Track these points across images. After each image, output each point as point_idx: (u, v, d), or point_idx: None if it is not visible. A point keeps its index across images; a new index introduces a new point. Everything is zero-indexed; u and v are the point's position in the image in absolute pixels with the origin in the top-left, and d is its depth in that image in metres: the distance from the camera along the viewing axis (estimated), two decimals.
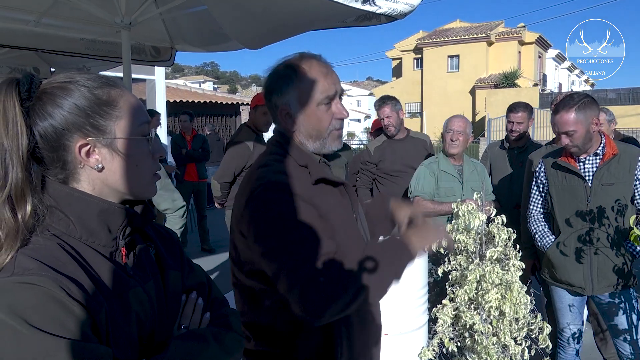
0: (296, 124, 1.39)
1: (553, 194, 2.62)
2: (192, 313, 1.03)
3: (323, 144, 1.41)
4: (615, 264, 2.48)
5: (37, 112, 0.87)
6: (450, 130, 3.23)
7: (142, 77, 9.89)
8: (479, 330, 2.24)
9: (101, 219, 0.90)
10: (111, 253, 0.91)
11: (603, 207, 2.46)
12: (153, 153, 0.98)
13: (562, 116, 2.45)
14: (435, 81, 31.95)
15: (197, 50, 4.19)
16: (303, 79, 1.36)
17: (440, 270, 2.54)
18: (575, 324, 2.67)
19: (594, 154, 2.51)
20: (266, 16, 2.92)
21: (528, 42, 32.92)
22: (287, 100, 1.38)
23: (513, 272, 2.28)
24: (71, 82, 0.90)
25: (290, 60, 1.40)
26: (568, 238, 2.56)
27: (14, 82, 0.87)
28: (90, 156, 0.90)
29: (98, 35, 3.80)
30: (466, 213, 2.35)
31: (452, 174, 3.25)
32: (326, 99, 1.37)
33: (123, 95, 0.94)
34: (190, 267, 1.12)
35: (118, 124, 0.91)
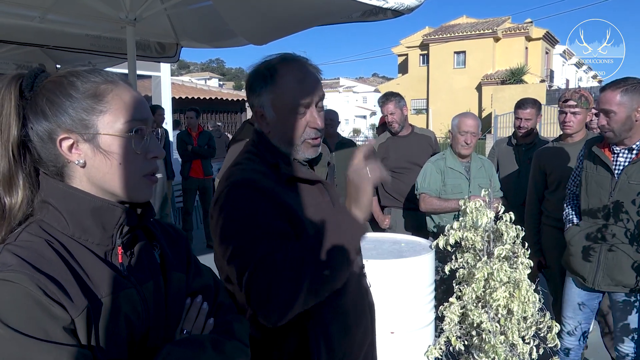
0: (270, 127, 1.36)
1: (583, 181, 2.54)
2: (195, 317, 1.00)
3: (296, 152, 1.38)
4: (635, 261, 2.39)
5: (31, 106, 0.88)
6: (465, 133, 3.18)
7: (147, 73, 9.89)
8: (486, 328, 2.22)
9: (94, 217, 0.88)
10: (106, 252, 0.89)
11: (623, 202, 2.36)
12: (145, 152, 0.92)
13: (607, 94, 2.33)
14: (442, 77, 31.81)
15: (202, 47, 4.18)
16: (278, 83, 1.32)
17: (448, 268, 2.52)
18: (576, 319, 2.64)
19: (629, 149, 2.38)
20: (272, 11, 2.90)
21: (535, 38, 32.68)
22: (262, 102, 1.35)
23: (521, 270, 2.25)
24: (64, 77, 0.89)
25: (270, 61, 1.36)
26: (587, 228, 2.50)
27: (18, 77, 0.88)
28: (72, 151, 0.88)
29: (103, 31, 3.80)
30: (474, 210, 2.33)
31: (459, 170, 3.23)
32: (301, 107, 1.33)
33: (113, 89, 0.90)
34: (197, 270, 1.09)
35: (102, 119, 0.88)
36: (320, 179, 1.41)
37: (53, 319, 0.76)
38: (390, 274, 2.43)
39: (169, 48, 4.21)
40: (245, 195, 1.24)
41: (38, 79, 0.89)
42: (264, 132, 1.39)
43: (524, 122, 3.70)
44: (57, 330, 0.76)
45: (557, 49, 37.79)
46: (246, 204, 1.23)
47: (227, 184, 1.28)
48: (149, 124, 0.94)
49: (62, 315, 0.77)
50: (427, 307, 2.62)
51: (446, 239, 2.46)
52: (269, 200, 1.24)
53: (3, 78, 0.89)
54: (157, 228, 1.06)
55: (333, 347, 1.31)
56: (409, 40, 35.13)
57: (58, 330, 0.76)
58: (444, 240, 2.48)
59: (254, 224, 1.21)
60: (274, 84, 1.32)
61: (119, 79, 0.93)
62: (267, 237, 1.19)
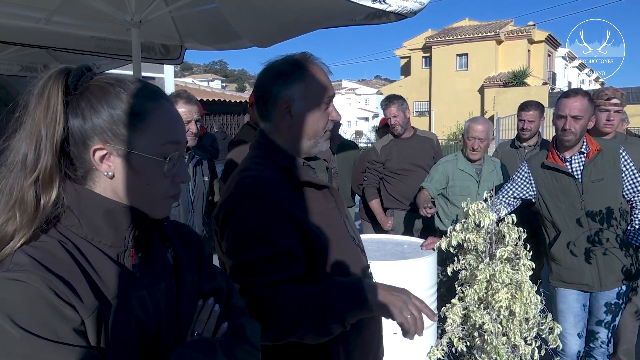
0: (293, 120, 1.37)
1: (545, 195, 2.63)
2: (207, 319, 1.01)
3: (316, 143, 1.41)
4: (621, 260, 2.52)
5: (73, 106, 0.87)
6: (472, 138, 3.21)
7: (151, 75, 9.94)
8: (488, 329, 2.23)
9: (107, 218, 0.88)
10: (118, 254, 0.89)
11: (598, 203, 2.50)
12: (173, 177, 0.93)
13: (576, 100, 2.46)
14: (444, 80, 31.81)
15: (206, 49, 4.21)
16: (310, 77, 1.36)
17: (450, 270, 2.53)
18: (582, 322, 2.65)
19: (579, 152, 2.55)
20: (276, 14, 2.92)
21: (537, 40, 32.67)
22: (291, 95, 1.35)
23: (523, 271, 2.26)
24: (112, 85, 0.88)
25: (296, 57, 1.40)
26: (569, 236, 2.56)
27: (65, 72, 0.88)
28: (103, 161, 0.88)
29: (108, 33, 3.82)
30: (476, 212, 2.34)
31: (469, 173, 3.25)
32: (327, 99, 1.39)
33: (156, 109, 0.90)
34: (210, 271, 1.08)
35: (139, 138, 0.88)
36: (328, 185, 1.43)
37: (63, 319, 0.77)
38: (393, 275, 2.44)
39: (173, 50, 4.23)
40: (256, 208, 1.25)
41: (84, 78, 0.88)
42: (277, 127, 1.39)
43: (527, 124, 3.72)
44: (67, 331, 0.77)
45: (560, 51, 37.75)
46: (257, 217, 1.25)
47: (238, 192, 1.29)
48: (182, 147, 0.94)
49: (73, 316, 0.77)
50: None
51: (448, 240, 2.47)
52: (280, 214, 1.26)
53: (48, 71, 0.88)
54: (171, 229, 1.06)
55: (349, 349, 1.34)
56: (411, 42, 35.14)
57: (68, 331, 0.77)
58: (447, 242, 2.49)
59: (265, 241, 1.23)
60: (306, 76, 1.36)
61: (162, 95, 0.93)
62: (277, 258, 1.22)
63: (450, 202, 3.32)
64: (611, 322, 2.60)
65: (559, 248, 2.60)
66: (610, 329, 2.61)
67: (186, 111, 2.63)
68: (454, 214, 3.27)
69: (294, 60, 1.38)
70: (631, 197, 2.57)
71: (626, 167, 2.54)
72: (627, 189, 2.56)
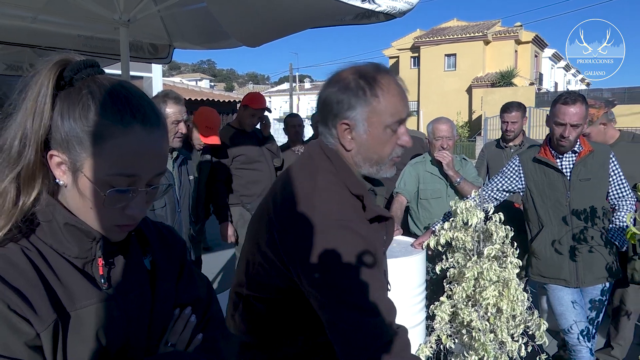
0: (355, 143, 1.26)
1: (532, 189, 2.67)
2: (182, 330, 0.96)
3: (379, 170, 1.29)
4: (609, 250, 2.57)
5: (59, 102, 0.81)
6: (439, 138, 3.20)
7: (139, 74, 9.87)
8: (476, 327, 2.26)
9: (69, 232, 0.83)
10: (85, 264, 0.84)
11: (583, 201, 2.54)
12: (123, 207, 0.83)
13: (576, 107, 2.47)
14: (432, 80, 31.98)
15: (195, 48, 4.19)
16: (378, 97, 1.22)
17: (438, 268, 2.56)
18: (581, 321, 2.62)
19: (572, 151, 2.59)
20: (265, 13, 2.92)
21: (525, 41, 32.99)
22: (353, 116, 1.23)
23: (510, 269, 2.29)
24: (91, 93, 0.80)
25: (365, 71, 1.25)
26: (552, 232, 2.61)
27: (63, 62, 0.82)
28: (59, 167, 0.82)
29: (96, 32, 3.80)
30: (464, 211, 2.37)
31: (438, 175, 3.25)
32: (395, 124, 1.24)
33: (120, 136, 0.79)
34: (190, 280, 1.03)
35: (88, 160, 0.79)
36: (391, 216, 1.36)
37: (15, 333, 0.73)
38: None
39: (161, 49, 4.21)
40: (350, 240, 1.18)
41: (81, 73, 0.82)
42: (340, 148, 1.28)
43: (510, 125, 3.78)
44: (18, 345, 0.74)
45: (546, 52, 38.15)
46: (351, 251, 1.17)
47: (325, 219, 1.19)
48: (139, 181, 0.83)
49: (26, 330, 0.74)
50: (419, 306, 2.65)
51: (437, 239, 2.50)
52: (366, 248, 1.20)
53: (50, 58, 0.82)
54: (153, 232, 1.01)
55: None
56: (400, 42, 35.28)
57: (20, 346, 0.74)
58: (435, 241, 2.51)
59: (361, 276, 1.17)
60: (374, 97, 1.22)
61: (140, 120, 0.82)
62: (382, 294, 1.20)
63: (422, 206, 3.31)
64: (595, 318, 2.64)
65: (540, 243, 2.64)
66: (595, 325, 2.65)
67: (176, 111, 2.62)
68: (426, 217, 3.26)
69: (363, 77, 1.23)
70: (615, 202, 2.62)
71: (614, 172, 2.59)
72: (613, 194, 2.61)
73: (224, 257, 6.20)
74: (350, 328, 1.14)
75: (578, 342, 2.56)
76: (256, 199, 3.87)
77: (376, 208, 1.29)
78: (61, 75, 0.81)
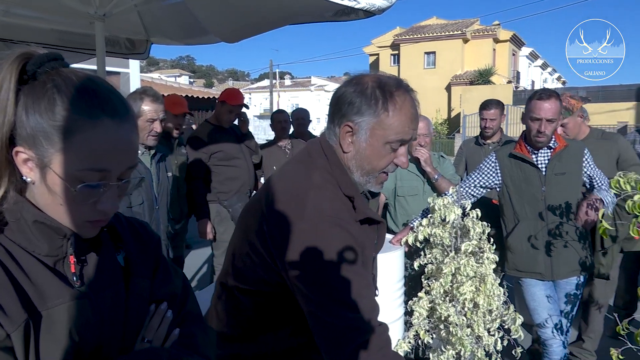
0: (353, 147, 1.27)
1: (509, 184, 2.72)
2: (158, 326, 0.94)
3: (367, 181, 1.30)
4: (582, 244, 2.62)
5: (23, 97, 0.79)
6: (417, 135, 3.22)
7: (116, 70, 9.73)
8: (453, 322, 2.29)
9: (37, 229, 0.81)
10: (56, 262, 0.82)
11: (558, 196, 2.59)
12: (94, 202, 0.82)
13: (551, 103, 2.53)
14: (412, 77, 31.69)
15: (173, 44, 4.14)
16: (388, 111, 1.23)
17: (417, 264, 2.58)
18: (555, 315, 2.65)
19: (547, 147, 2.65)
20: (244, 9, 2.91)
21: (502, 39, 33.44)
22: (359, 120, 1.24)
23: (487, 264, 2.33)
24: (57, 87, 0.78)
25: (385, 83, 1.26)
26: (527, 226, 2.65)
27: (25, 56, 0.80)
28: (26, 164, 0.80)
29: (71, 27, 3.72)
30: (442, 207, 2.39)
31: (414, 172, 3.28)
32: (397, 143, 1.26)
33: (89, 130, 0.78)
34: (166, 275, 1.02)
35: (57, 155, 0.77)
36: (382, 221, 1.37)
37: None
38: None
39: (138, 44, 4.14)
40: (340, 237, 1.19)
41: (45, 66, 0.79)
42: (342, 149, 1.29)
43: (489, 122, 3.82)
44: None
45: (524, 50, 38.72)
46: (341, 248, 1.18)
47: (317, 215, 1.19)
48: (110, 175, 0.81)
49: None
50: (397, 302, 2.67)
51: (415, 235, 2.52)
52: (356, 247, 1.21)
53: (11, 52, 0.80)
54: (126, 228, 0.99)
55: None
56: (380, 40, 35.42)
57: None
58: (413, 237, 2.53)
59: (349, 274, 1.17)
60: (385, 110, 1.23)
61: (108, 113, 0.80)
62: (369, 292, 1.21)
63: (399, 203, 3.33)
64: (570, 312, 2.70)
65: (516, 237, 2.68)
66: (569, 319, 2.70)
67: (152, 109, 2.58)
68: (403, 214, 3.28)
69: (381, 88, 1.24)
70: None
71: (589, 165, 2.64)
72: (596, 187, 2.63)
73: (203, 254, 6.15)
74: (333, 322, 1.16)
75: (552, 336, 2.61)
76: (233, 195, 3.85)
77: (367, 210, 1.30)
78: (24, 70, 0.79)
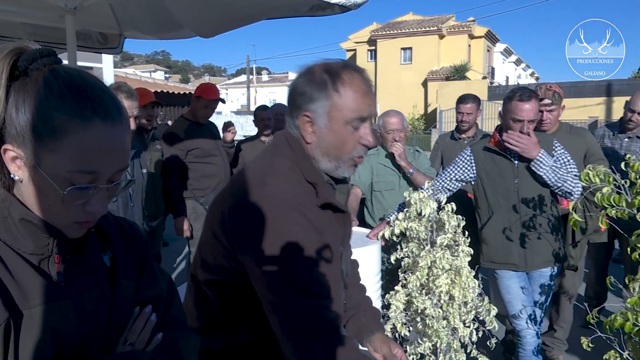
0: (315, 136, 1.27)
1: (483, 177, 2.77)
2: (141, 329, 0.94)
3: (337, 167, 1.29)
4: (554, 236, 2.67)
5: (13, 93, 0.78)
6: (391, 131, 3.23)
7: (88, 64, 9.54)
8: (430, 314, 2.32)
9: (23, 227, 0.79)
10: (40, 260, 0.81)
11: (530, 188, 2.64)
12: (83, 204, 0.80)
13: (532, 104, 2.56)
14: (389, 73, 32.36)
15: (147, 38, 4.08)
16: (340, 91, 1.23)
17: (393, 258, 2.60)
18: (529, 306, 2.70)
19: None
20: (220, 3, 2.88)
21: (477, 36, 33.86)
22: (314, 108, 1.24)
23: (462, 257, 2.36)
24: (47, 84, 0.76)
25: (330, 66, 1.26)
26: (501, 218, 2.70)
27: (18, 51, 0.78)
28: (14, 162, 0.78)
29: (41, 20, 3.63)
30: (418, 201, 2.41)
31: (390, 167, 3.30)
32: (357, 121, 1.25)
33: (79, 131, 0.76)
34: (152, 278, 1.00)
35: (46, 156, 0.76)
36: (347, 211, 1.35)
37: None
38: None
39: (111, 39, 4.06)
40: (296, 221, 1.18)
41: (35, 63, 0.78)
42: (305, 140, 1.29)
43: (465, 117, 3.87)
44: None
45: (498, 47, 39.27)
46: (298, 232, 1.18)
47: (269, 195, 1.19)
48: (100, 178, 0.80)
49: None
50: (375, 296, 2.69)
51: (392, 229, 2.54)
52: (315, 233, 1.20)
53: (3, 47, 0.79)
54: (113, 228, 0.98)
55: None
56: (357, 35, 35.48)
57: None
58: (390, 231, 2.56)
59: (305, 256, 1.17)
60: (335, 91, 1.23)
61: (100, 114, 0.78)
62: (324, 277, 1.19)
63: (375, 198, 3.35)
64: (544, 302, 2.76)
65: (490, 229, 2.73)
66: (543, 309, 2.76)
67: (126, 106, 2.55)
68: (379, 209, 3.30)
69: (328, 71, 1.24)
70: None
71: (560, 155, 2.69)
72: None
73: (180, 251, 6.09)
74: (287, 307, 1.15)
75: (526, 327, 2.66)
76: (210, 192, 3.82)
77: (330, 197, 1.29)
78: (15, 65, 0.77)
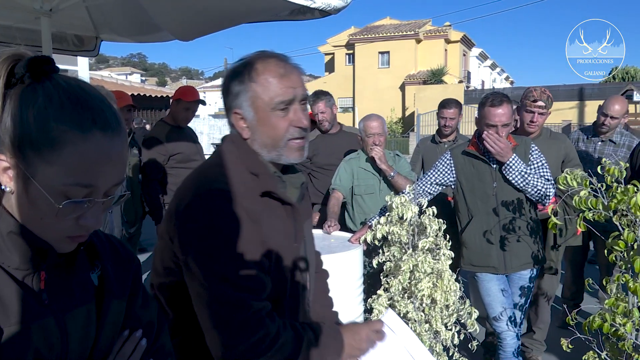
0: (249, 131, 1.27)
1: (463, 181, 2.79)
2: (130, 354, 0.90)
3: (279, 155, 1.27)
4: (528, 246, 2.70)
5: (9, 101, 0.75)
6: (371, 135, 3.25)
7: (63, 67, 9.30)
8: (412, 318, 2.33)
9: (10, 240, 0.76)
10: (25, 276, 0.78)
11: (508, 191, 2.67)
12: (77, 217, 0.77)
13: (504, 108, 2.58)
14: (367, 77, 32.54)
15: (124, 41, 4.03)
16: (257, 80, 1.22)
17: (375, 262, 2.61)
18: (509, 308, 2.72)
19: None
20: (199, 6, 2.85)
21: (454, 40, 34.30)
22: (240, 103, 1.24)
23: (443, 261, 2.38)
24: (45, 92, 0.74)
25: (246, 58, 1.26)
26: (480, 222, 2.73)
27: (15, 57, 0.75)
28: (5, 172, 0.75)
29: (15, 22, 3.54)
30: (399, 205, 2.42)
31: (371, 171, 3.32)
32: (281, 104, 1.23)
33: (77, 143, 0.73)
34: (144, 301, 0.97)
35: (42, 168, 0.73)
36: (292, 202, 1.31)
37: None
38: None
39: (87, 41, 4.00)
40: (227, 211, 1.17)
41: (33, 71, 0.75)
42: (242, 137, 1.28)
43: (448, 121, 3.92)
44: None
45: (474, 51, 39.87)
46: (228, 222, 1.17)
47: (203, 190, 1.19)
48: (97, 191, 0.77)
49: None
50: (357, 300, 2.69)
51: (373, 233, 2.54)
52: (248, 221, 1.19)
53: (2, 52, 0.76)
54: (106, 246, 0.94)
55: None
56: (335, 39, 35.59)
57: None
58: (372, 235, 2.56)
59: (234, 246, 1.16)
60: (252, 81, 1.23)
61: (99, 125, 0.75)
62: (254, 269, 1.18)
63: (356, 202, 3.36)
64: (523, 304, 2.80)
65: (470, 233, 2.75)
66: (523, 311, 2.80)
67: None
68: (360, 213, 3.31)
69: (244, 64, 1.25)
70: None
71: (535, 159, 2.73)
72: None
73: None
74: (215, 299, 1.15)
75: (506, 329, 2.69)
76: None
77: (272, 187, 1.26)
78: (12, 72, 0.74)
